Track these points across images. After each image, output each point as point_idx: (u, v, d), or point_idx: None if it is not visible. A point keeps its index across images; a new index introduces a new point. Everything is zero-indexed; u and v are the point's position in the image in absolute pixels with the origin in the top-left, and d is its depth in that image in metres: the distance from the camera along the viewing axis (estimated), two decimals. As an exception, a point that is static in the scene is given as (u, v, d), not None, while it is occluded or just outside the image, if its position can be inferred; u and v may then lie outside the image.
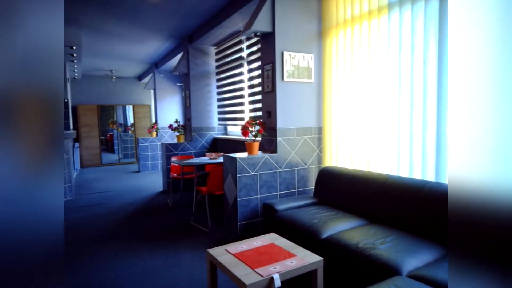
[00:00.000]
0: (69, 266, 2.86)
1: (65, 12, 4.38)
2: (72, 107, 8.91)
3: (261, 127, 3.33)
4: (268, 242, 2.19)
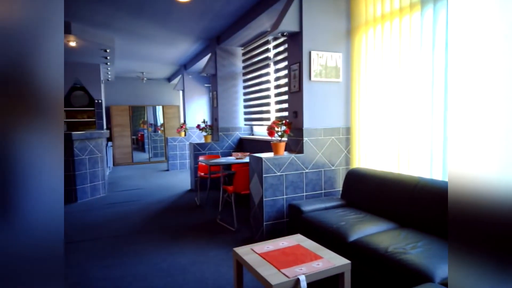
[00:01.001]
0: (103, 261, 3.00)
1: (100, 17, 4.61)
2: (106, 107, 9.33)
3: (287, 127, 3.32)
4: (294, 243, 2.18)
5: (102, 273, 2.73)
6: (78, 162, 5.25)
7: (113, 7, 4.24)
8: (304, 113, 3.33)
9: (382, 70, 3.09)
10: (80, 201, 5.26)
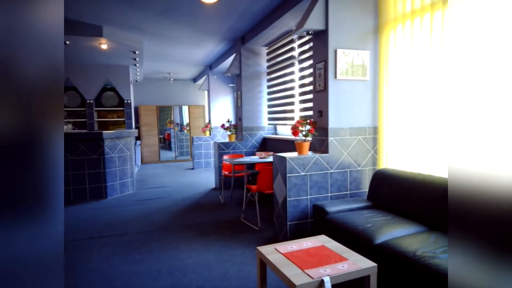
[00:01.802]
0: (130, 256, 3.11)
1: (130, 20, 4.77)
2: (134, 107, 9.65)
3: (311, 127, 3.29)
4: (318, 244, 2.15)
5: (129, 268, 2.82)
6: (108, 160, 5.47)
7: (142, 10, 4.37)
8: (329, 112, 3.28)
9: (412, 68, 2.98)
10: (110, 198, 5.48)
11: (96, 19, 4.71)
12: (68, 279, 2.64)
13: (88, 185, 5.33)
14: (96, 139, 5.33)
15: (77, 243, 3.44)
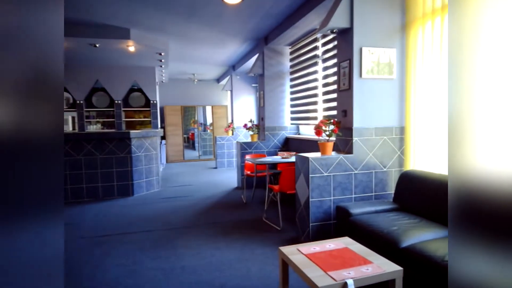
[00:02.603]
0: (155, 252, 3.19)
1: (156, 22, 4.90)
2: (160, 108, 9.90)
3: (335, 127, 3.23)
4: (342, 246, 2.12)
5: (154, 264, 2.90)
6: (135, 158, 5.65)
7: (167, 12, 4.48)
8: (354, 111, 3.21)
9: (441, 66, 2.86)
10: (136, 195, 5.65)
11: (124, 22, 4.88)
12: (95, 273, 2.76)
13: (116, 183, 5.53)
14: (124, 138, 5.52)
15: (105, 238, 3.58)
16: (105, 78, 7.59)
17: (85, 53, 6.14)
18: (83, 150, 5.34)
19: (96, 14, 4.52)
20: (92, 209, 4.81)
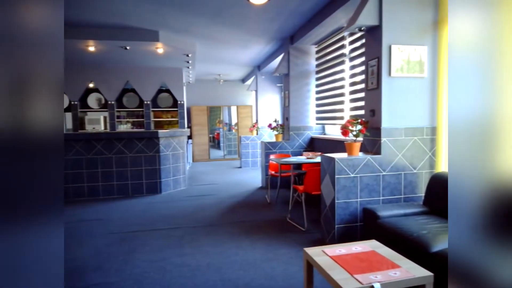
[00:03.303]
0: (182, 249, 3.27)
1: (183, 24, 5.01)
2: (187, 108, 10.11)
3: (363, 127, 3.16)
4: (368, 249, 2.07)
5: (180, 260, 2.97)
6: (163, 157, 5.81)
7: (194, 14, 4.57)
8: (382, 111, 3.12)
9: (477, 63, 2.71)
10: (164, 193, 5.81)
11: (153, 24, 5.03)
12: (124, 267, 2.86)
13: (144, 181, 5.72)
14: (153, 138, 5.69)
15: (134, 234, 3.71)
16: (135, 79, 7.86)
17: (116, 56, 6.39)
18: (114, 148, 5.56)
19: (126, 17, 4.69)
20: (122, 206, 5.00)
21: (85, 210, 4.77)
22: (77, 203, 5.19)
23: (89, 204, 5.12)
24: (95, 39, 5.19)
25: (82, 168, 5.48)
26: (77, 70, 7.49)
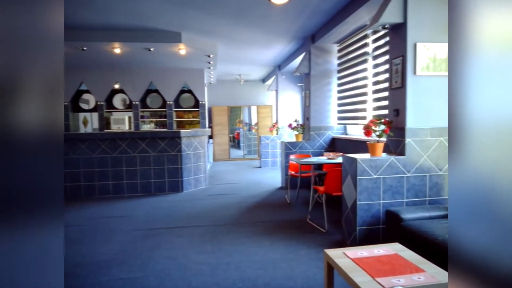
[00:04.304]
0: (202, 247, 3.31)
1: (205, 25, 5.07)
2: (208, 108, 10.24)
3: (386, 127, 3.08)
4: (391, 252, 2.01)
5: (201, 258, 3.02)
6: (185, 156, 5.91)
7: (216, 15, 4.62)
8: (407, 111, 3.04)
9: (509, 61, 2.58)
10: (185, 191, 5.92)
11: (176, 26, 5.13)
12: (147, 263, 2.94)
13: (167, 179, 5.84)
14: (175, 137, 5.81)
15: (157, 231, 3.80)
16: (158, 80, 8.05)
17: (141, 57, 6.56)
18: (138, 148, 5.72)
19: (151, 19, 4.81)
20: (145, 203, 5.14)
21: (110, 207, 4.94)
22: (102, 200, 5.38)
23: (114, 202, 5.29)
24: (120, 41, 5.36)
25: (108, 166, 5.67)
26: (104, 72, 7.76)
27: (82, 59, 6.56)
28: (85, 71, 7.66)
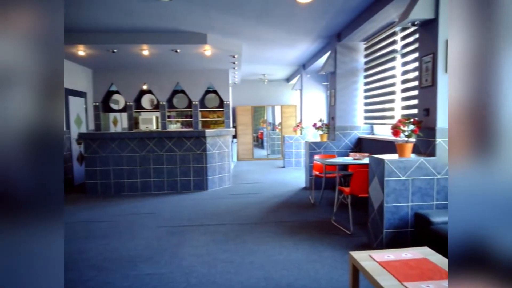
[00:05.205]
0: (226, 245, 3.35)
1: (230, 26, 5.12)
2: (232, 108, 10.34)
3: (416, 127, 2.98)
4: (419, 256, 1.95)
5: (225, 256, 3.05)
6: (210, 156, 6.01)
7: (241, 16, 4.66)
8: (438, 110, 2.92)
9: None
10: (210, 190, 6.01)
11: (201, 28, 5.22)
12: (173, 259, 3.01)
13: (192, 178, 5.96)
14: (200, 137, 5.92)
15: (182, 228, 3.89)
16: (184, 81, 8.22)
17: (168, 59, 6.73)
18: (165, 147, 5.88)
19: (177, 21, 4.92)
20: (171, 201, 5.27)
21: (138, 204, 5.11)
22: (131, 197, 5.57)
23: (141, 199, 5.47)
24: (148, 43, 5.53)
25: (136, 164, 5.87)
26: (132, 73, 8.03)
27: (113, 61, 6.83)
28: (115, 72, 7.97)
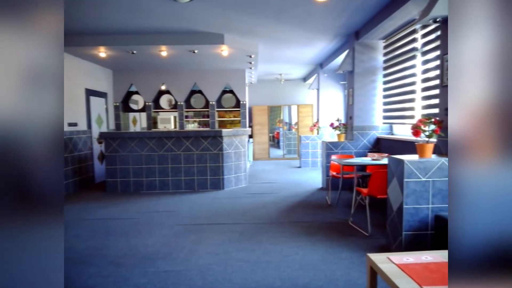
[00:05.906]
0: (242, 244, 3.37)
1: (247, 26, 5.14)
2: (248, 108, 10.36)
3: (437, 127, 2.89)
4: (440, 259, 1.89)
5: (241, 255, 3.07)
6: (226, 155, 6.05)
7: (258, 16, 4.66)
8: (460, 110, 2.82)
9: None
10: (226, 189, 6.05)
11: (218, 28, 5.26)
12: (190, 257, 3.05)
13: (208, 177, 6.02)
14: (217, 136, 5.97)
15: (199, 227, 3.94)
16: (202, 81, 8.32)
17: (185, 59, 6.83)
18: (182, 146, 5.97)
19: (195, 22, 4.98)
20: (188, 200, 5.35)
21: (156, 202, 5.21)
22: (149, 196, 5.69)
23: (159, 197, 5.58)
24: (167, 44, 5.62)
25: (155, 163, 5.98)
26: (151, 74, 8.19)
27: (132, 62, 6.99)
28: (135, 73, 8.16)
